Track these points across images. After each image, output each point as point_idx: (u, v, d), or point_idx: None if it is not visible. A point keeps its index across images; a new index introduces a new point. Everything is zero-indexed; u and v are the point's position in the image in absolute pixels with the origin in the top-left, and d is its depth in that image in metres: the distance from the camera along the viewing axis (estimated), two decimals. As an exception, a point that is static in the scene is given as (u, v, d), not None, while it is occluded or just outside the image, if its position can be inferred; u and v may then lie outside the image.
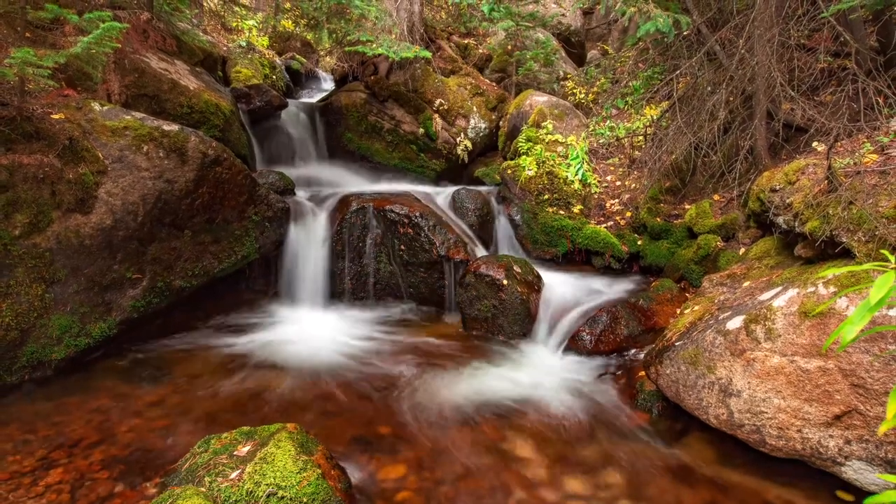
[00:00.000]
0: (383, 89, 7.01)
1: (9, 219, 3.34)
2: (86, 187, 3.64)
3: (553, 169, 5.64)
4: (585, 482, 2.71)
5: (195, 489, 2.23)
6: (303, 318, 4.70)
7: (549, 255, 5.40)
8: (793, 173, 3.48)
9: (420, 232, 4.96)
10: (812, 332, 2.65)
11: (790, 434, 2.68)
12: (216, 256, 4.43)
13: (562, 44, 8.90)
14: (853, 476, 2.58)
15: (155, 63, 5.12)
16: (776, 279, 3.22)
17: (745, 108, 4.70)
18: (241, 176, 4.49)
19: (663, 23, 4.50)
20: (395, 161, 7.15)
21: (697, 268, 4.55)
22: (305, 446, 2.53)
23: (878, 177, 2.94)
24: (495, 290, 4.47)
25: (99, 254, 3.69)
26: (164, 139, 4.01)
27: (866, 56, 4.25)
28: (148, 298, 3.96)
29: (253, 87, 6.40)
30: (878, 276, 1.13)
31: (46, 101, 3.71)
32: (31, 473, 2.65)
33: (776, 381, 2.72)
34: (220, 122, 5.38)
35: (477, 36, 8.43)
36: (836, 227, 2.88)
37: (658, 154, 5.13)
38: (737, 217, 4.51)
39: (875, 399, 2.48)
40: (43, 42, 3.80)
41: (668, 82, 5.21)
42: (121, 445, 2.88)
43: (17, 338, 3.34)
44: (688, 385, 3.02)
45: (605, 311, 4.11)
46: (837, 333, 1.19)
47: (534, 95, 6.52)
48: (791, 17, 4.41)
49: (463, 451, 2.94)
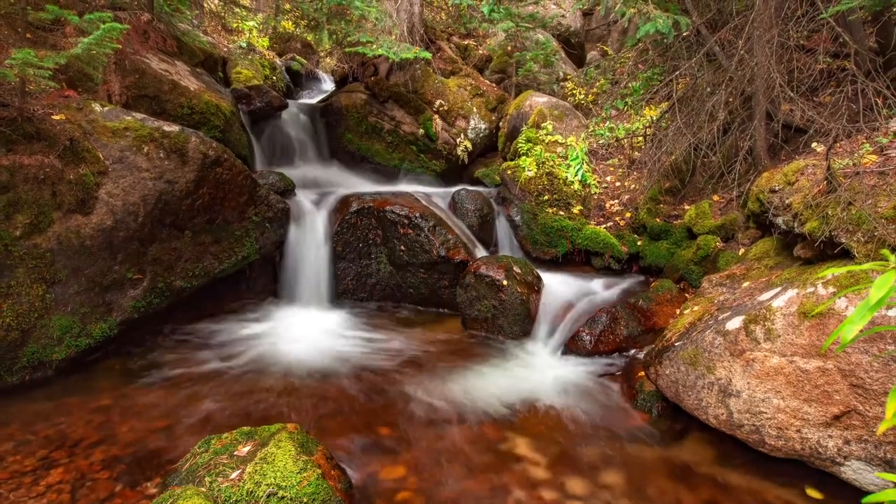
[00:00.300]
0: (383, 90, 7.02)
1: (10, 219, 3.35)
2: (86, 188, 3.65)
3: (553, 170, 5.64)
4: (585, 482, 2.71)
5: (195, 489, 2.24)
6: (303, 318, 4.70)
7: (548, 256, 5.40)
8: (792, 174, 3.49)
9: (420, 233, 4.96)
10: (811, 333, 2.65)
11: (789, 434, 2.69)
12: (217, 257, 4.43)
13: (561, 45, 8.91)
14: (852, 476, 2.59)
15: (155, 64, 5.13)
16: (775, 280, 3.23)
17: (744, 108, 4.70)
18: (241, 177, 4.50)
19: (663, 24, 4.51)
20: (396, 162, 7.16)
21: (697, 268, 4.56)
22: (305, 446, 2.53)
23: (878, 177, 2.94)
24: (495, 291, 4.47)
25: (99, 254, 3.69)
26: (165, 140, 4.02)
27: (865, 57, 4.26)
28: (148, 299, 3.97)
29: (253, 88, 6.41)
30: (878, 277, 1.12)
31: (47, 101, 3.71)
32: (32, 473, 2.66)
33: (775, 382, 2.73)
34: (220, 123, 5.39)
35: (477, 37, 8.45)
36: (836, 228, 2.89)
37: (657, 155, 5.14)
38: (736, 218, 4.51)
39: (874, 399, 2.48)
40: (44, 43, 3.80)
41: (667, 83, 5.22)
42: (121, 445, 2.89)
43: (18, 338, 3.35)
44: (687, 385, 3.03)
45: (605, 312, 4.11)
46: (837, 334, 1.18)
47: (533, 96, 6.53)
48: (790, 18, 4.42)
49: (463, 451, 2.94)
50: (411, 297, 5.14)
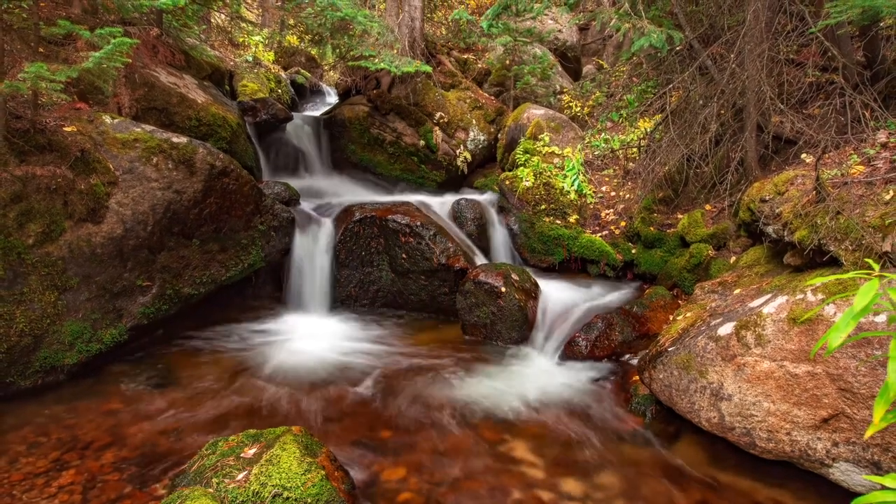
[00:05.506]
0: (385, 103, 7.16)
1: (23, 228, 3.44)
2: (97, 198, 3.75)
3: (550, 180, 5.76)
4: (581, 483, 2.78)
5: (203, 490, 2.30)
6: (307, 324, 4.78)
7: (545, 264, 5.50)
8: (782, 184, 3.58)
9: (421, 241, 5.06)
10: (801, 338, 2.72)
11: (779, 437, 2.75)
12: (223, 265, 4.53)
13: (558, 59, 9.08)
14: (841, 477, 2.65)
15: (164, 77, 5.27)
16: (766, 287, 3.31)
17: (735, 120, 4.81)
18: (247, 187, 4.61)
19: (657, 38, 4.63)
20: (397, 172, 7.28)
21: (690, 275, 4.65)
22: (310, 448, 2.60)
23: (865, 187, 3.01)
24: (494, 298, 4.56)
25: (110, 262, 3.79)
26: (173, 151, 4.13)
27: (853, 70, 4.37)
28: (157, 305, 4.06)
29: (259, 101, 6.53)
30: (863, 284, 1.16)
31: (59, 114, 3.82)
32: (44, 474, 2.73)
33: (766, 386, 2.79)
34: (227, 135, 5.51)
35: (476, 51, 8.62)
36: (824, 237, 2.96)
37: (652, 165, 5.25)
38: (728, 227, 4.61)
39: (862, 403, 2.54)
40: (56, 57, 3.90)
41: (661, 96, 5.34)
42: (131, 447, 2.96)
43: (31, 343, 3.44)
44: (680, 389, 3.10)
45: (601, 318, 4.20)
46: (824, 340, 1.22)
47: (531, 108, 6.67)
48: (780, 32, 4.54)
49: (462, 453, 3.01)
50: (412, 303, 5.23)
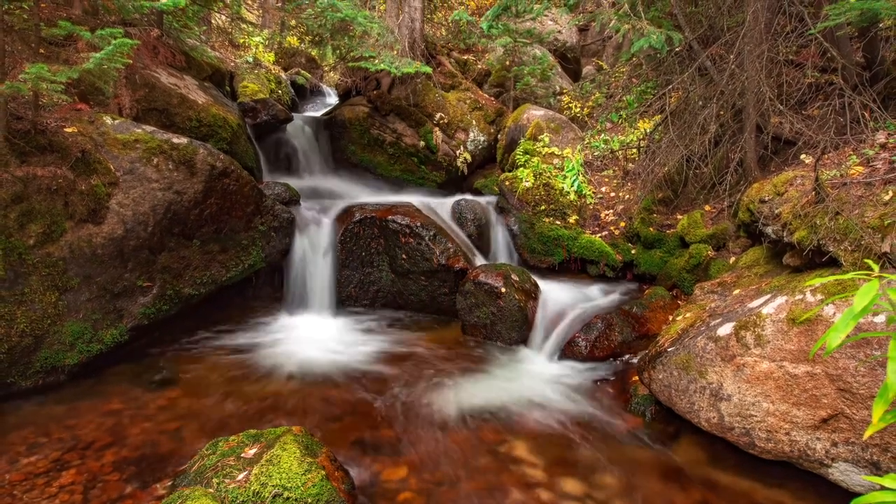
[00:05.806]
0: (385, 103, 7.17)
1: (23, 229, 3.45)
2: (98, 198, 3.76)
3: (549, 180, 5.77)
4: (581, 483, 2.79)
5: (204, 490, 2.31)
6: (307, 324, 4.79)
7: (545, 264, 5.51)
8: (781, 185, 3.59)
9: (421, 241, 5.07)
10: (800, 339, 2.73)
11: (779, 437, 2.76)
12: (224, 265, 4.54)
13: (558, 59, 9.09)
14: (840, 477, 2.66)
15: (165, 78, 5.27)
16: (765, 287, 3.31)
17: (735, 121, 4.82)
18: (247, 187, 4.62)
19: (656, 39, 4.64)
20: (397, 173, 7.29)
21: (689, 276, 4.66)
22: (310, 448, 2.60)
23: (864, 188, 3.02)
24: (494, 298, 4.57)
25: (110, 262, 3.80)
26: (174, 152, 4.14)
27: (852, 71, 4.38)
28: (158, 306, 4.07)
29: (259, 102, 6.54)
30: (863, 285, 1.16)
31: (60, 114, 3.83)
32: (45, 474, 2.74)
33: (765, 386, 2.80)
34: (227, 136, 5.52)
35: (476, 52, 8.63)
36: (824, 237, 2.97)
37: (651, 166, 5.26)
38: (727, 227, 4.61)
39: (861, 403, 2.55)
40: (56, 58, 3.90)
41: (660, 97, 5.35)
42: (132, 448, 2.97)
43: (32, 344, 3.45)
44: (680, 389, 3.11)
45: (600, 318, 4.21)
46: (823, 340, 1.22)
47: (531, 109, 6.68)
48: (780, 33, 4.55)
49: (462, 453, 3.02)
50: (412, 303, 5.23)
